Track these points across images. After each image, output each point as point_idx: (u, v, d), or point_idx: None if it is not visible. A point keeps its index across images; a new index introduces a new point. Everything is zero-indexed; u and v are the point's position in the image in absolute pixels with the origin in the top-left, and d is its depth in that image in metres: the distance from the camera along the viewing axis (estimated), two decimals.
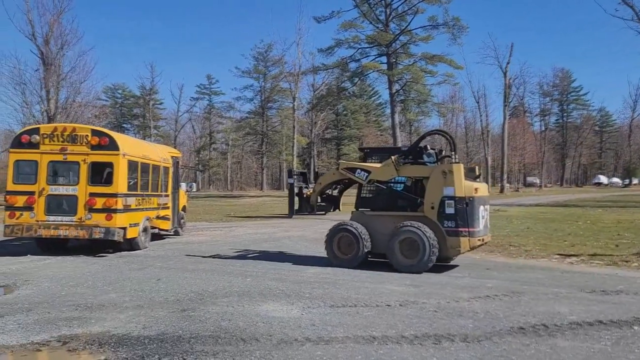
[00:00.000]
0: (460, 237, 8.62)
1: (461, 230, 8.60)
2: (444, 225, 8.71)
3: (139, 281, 8.04)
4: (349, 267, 9.21)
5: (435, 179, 8.85)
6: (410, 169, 9.35)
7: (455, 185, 8.64)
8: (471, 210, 8.63)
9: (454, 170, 8.71)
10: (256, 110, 79.07)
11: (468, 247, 8.76)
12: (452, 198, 8.63)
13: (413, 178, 9.41)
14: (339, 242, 9.52)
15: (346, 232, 9.41)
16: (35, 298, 6.87)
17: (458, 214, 8.61)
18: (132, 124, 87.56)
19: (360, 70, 55.76)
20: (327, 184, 10.55)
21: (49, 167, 11.01)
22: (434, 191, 8.83)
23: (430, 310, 6.30)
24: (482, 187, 9.19)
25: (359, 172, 9.73)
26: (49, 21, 37.69)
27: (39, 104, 37.76)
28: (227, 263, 9.96)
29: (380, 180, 9.55)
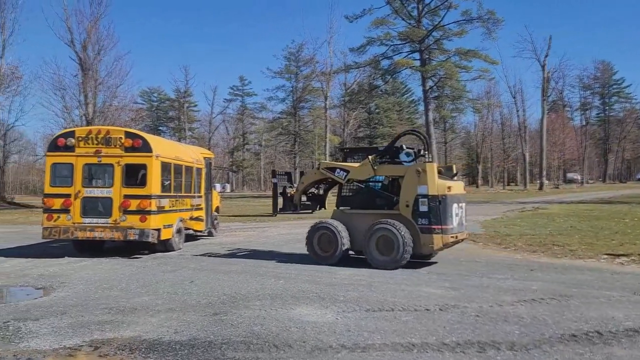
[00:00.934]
0: (433, 235, 8.87)
1: (434, 228, 8.84)
2: (418, 222, 8.96)
3: (172, 283, 7.98)
4: (328, 264, 9.46)
5: (409, 178, 9.11)
6: (387, 169, 9.63)
7: (429, 183, 8.88)
8: (444, 208, 8.86)
9: (427, 169, 8.96)
10: (288, 110, 79.22)
11: (441, 244, 8.98)
12: (426, 196, 8.88)
13: (390, 177, 9.69)
14: (319, 240, 9.77)
15: (325, 230, 9.67)
16: (69, 301, 6.87)
17: (431, 211, 8.85)
18: (168, 127, 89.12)
19: (393, 68, 55.16)
20: (310, 183, 10.81)
21: (84, 169, 11.11)
22: (409, 190, 9.10)
23: (472, 315, 5.97)
24: (456, 186, 9.41)
25: (338, 171, 10.03)
26: (87, 27, 38.70)
27: (77, 109, 38.80)
28: (260, 264, 9.82)
29: (358, 179, 9.86)
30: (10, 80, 41.57)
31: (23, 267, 9.80)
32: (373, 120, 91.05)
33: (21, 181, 77.06)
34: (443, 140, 78.67)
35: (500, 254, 11.17)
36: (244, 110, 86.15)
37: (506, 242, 12.76)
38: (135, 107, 57.02)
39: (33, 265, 10.00)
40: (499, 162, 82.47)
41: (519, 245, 12.18)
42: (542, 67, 56.92)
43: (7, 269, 9.76)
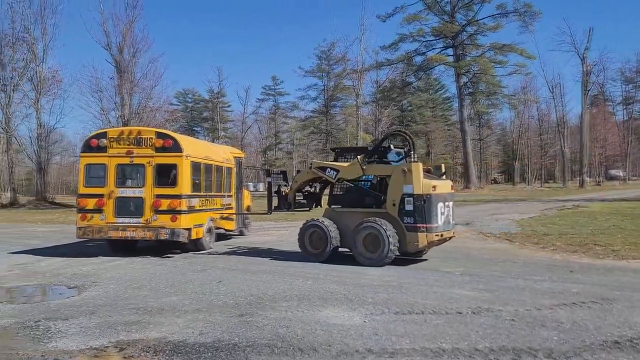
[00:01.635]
0: (418, 233, 9.03)
1: (419, 226, 9.00)
2: (404, 221, 9.14)
3: (200, 283, 7.96)
4: (318, 260, 9.75)
5: (396, 177, 9.30)
6: (375, 168, 9.82)
7: (414, 183, 9.03)
8: (429, 207, 9.00)
9: (412, 169, 9.10)
10: (320, 109, 79.22)
11: (426, 242, 9.12)
12: (411, 195, 9.05)
13: (378, 176, 9.87)
14: (310, 237, 10.03)
15: (316, 228, 9.93)
16: (99, 300, 6.93)
17: (416, 210, 9.01)
18: (202, 127, 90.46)
19: (426, 64, 54.44)
20: (303, 182, 11.06)
21: (117, 169, 11.20)
22: (395, 189, 9.27)
23: (508, 319, 5.70)
24: (441, 185, 9.53)
25: (329, 170, 10.30)
26: (122, 31, 39.58)
27: (114, 110, 39.74)
28: (289, 264, 9.73)
29: (347, 178, 10.07)
30: (51, 83, 42.92)
31: (58, 266, 10.00)
32: (406, 117, 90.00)
33: (63, 181, 79.61)
34: (478, 137, 77.05)
35: (538, 255, 10.76)
36: (277, 110, 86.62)
37: (544, 242, 12.29)
38: (170, 109, 58.10)
39: (68, 265, 10.19)
40: (536, 159, 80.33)
41: (558, 245, 11.71)
42: (582, 60, 55.09)
43: (43, 268, 9.97)
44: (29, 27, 41.34)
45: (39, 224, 22.88)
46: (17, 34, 41.81)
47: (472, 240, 13.13)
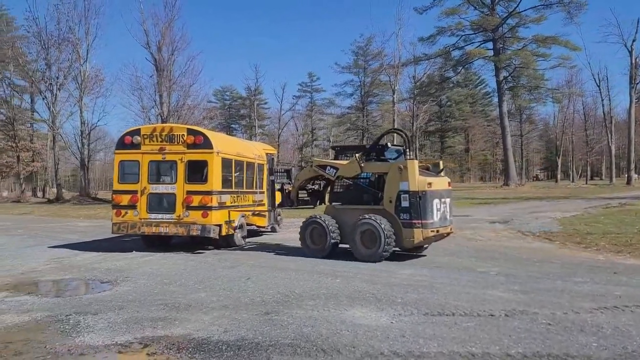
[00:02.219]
0: (414, 229, 9.17)
1: (415, 222, 9.15)
2: (400, 217, 9.30)
3: (229, 280, 7.95)
4: (318, 256, 9.94)
5: (392, 174, 9.45)
6: (373, 166, 10.02)
7: (410, 180, 9.19)
8: (424, 203, 9.13)
9: (408, 166, 9.26)
10: (356, 105, 78.85)
11: (421, 238, 9.24)
12: (407, 192, 9.21)
13: (376, 174, 10.00)
14: (311, 234, 10.28)
15: (316, 225, 10.16)
16: (129, 295, 7.00)
17: (412, 207, 9.17)
18: (240, 124, 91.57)
19: (465, 58, 53.29)
20: (305, 180, 11.29)
21: (150, 166, 11.33)
22: (392, 186, 9.43)
23: (543, 323, 5.41)
24: (438, 182, 9.68)
25: (329, 169, 10.57)
26: (161, 29, 40.32)
27: (153, 108, 40.59)
28: (319, 262, 9.61)
29: (346, 176, 10.28)
30: (94, 82, 44.22)
31: (93, 261, 10.22)
32: (444, 113, 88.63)
33: (106, 178, 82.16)
34: (519, 132, 74.96)
35: (580, 255, 10.29)
36: (313, 107, 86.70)
37: (587, 242, 11.75)
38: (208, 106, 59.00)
39: (103, 259, 10.40)
40: (581, 155, 77.56)
41: (602, 245, 11.17)
42: (630, 52, 52.58)
43: (79, 262, 10.21)
44: (74, 28, 42.71)
45: (80, 219, 23.62)
46: (62, 35, 43.28)
47: (510, 239, 12.69)
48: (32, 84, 47.40)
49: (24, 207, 37.40)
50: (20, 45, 47.46)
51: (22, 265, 9.95)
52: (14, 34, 51.83)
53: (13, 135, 54.97)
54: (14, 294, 7.34)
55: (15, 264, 10.05)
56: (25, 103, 59.90)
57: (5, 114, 55.80)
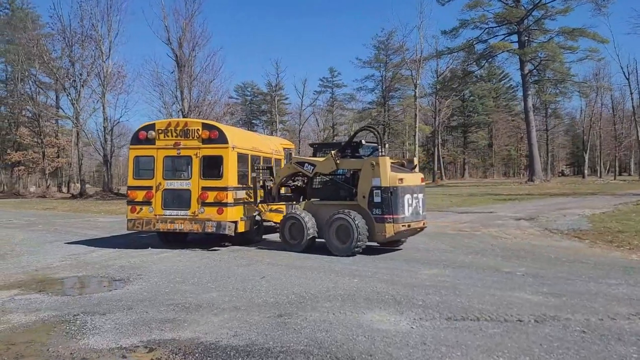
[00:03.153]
0: (385, 224, 9.39)
1: (386, 217, 9.38)
2: (373, 212, 9.52)
3: (243, 279, 7.69)
4: (296, 251, 10.23)
5: (365, 171, 9.69)
6: (348, 162, 10.23)
7: (381, 176, 9.42)
8: (395, 198, 9.36)
9: (380, 162, 9.47)
10: (378, 100, 78.18)
11: (392, 233, 9.43)
12: (379, 188, 9.44)
13: (351, 170, 10.23)
14: (290, 229, 10.55)
15: (295, 220, 10.44)
16: (140, 295, 6.79)
17: (384, 202, 9.40)
18: (260, 120, 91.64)
19: (488, 52, 52.20)
20: (286, 177, 11.39)
21: (165, 162, 11.15)
22: (365, 182, 9.67)
23: (577, 330, 5.00)
24: (409, 177, 9.83)
25: (306, 165, 10.79)
26: (182, 25, 40.40)
27: (175, 104, 40.75)
28: (337, 260, 9.30)
29: (323, 172, 10.56)
30: (116, 79, 44.61)
31: (108, 258, 10.09)
32: (467, 108, 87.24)
33: None
34: (544, 127, 73.28)
35: (612, 254, 9.75)
36: (334, 102, 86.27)
37: (619, 240, 11.18)
38: (230, 102, 59.15)
39: (118, 256, 10.27)
40: (609, 150, 75.51)
41: (635, 244, 10.60)
42: None
43: (94, 258, 10.09)
44: (96, 25, 43.11)
45: (102, 214, 23.75)
46: (85, 32, 43.78)
47: (537, 237, 12.17)
48: (56, 81, 48.10)
49: (49, 203, 37.96)
50: (45, 43, 48.19)
51: (37, 261, 9.88)
52: (39, 32, 52.57)
53: (38, 131, 55.98)
54: (25, 291, 7.20)
55: (31, 261, 9.98)
56: (50, 100, 60.90)
57: (31, 111, 56.86)
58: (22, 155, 57.54)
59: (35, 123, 56.53)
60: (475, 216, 17.75)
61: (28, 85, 59.56)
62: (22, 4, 67.26)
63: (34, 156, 57.61)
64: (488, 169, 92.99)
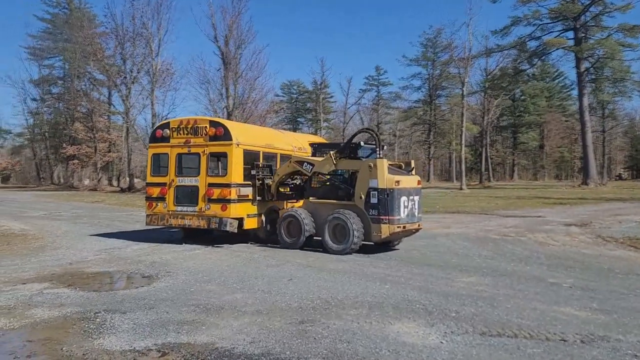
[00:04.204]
0: (381, 224, 9.53)
1: (382, 218, 9.51)
2: (369, 213, 9.65)
3: (270, 280, 7.45)
4: (293, 248, 10.39)
5: (363, 172, 9.83)
6: (346, 163, 10.33)
7: (379, 177, 9.55)
8: (391, 200, 9.47)
9: (377, 164, 9.61)
10: (424, 99, 76.79)
11: (388, 233, 9.57)
12: (376, 189, 9.57)
13: (349, 171, 10.34)
14: (287, 226, 10.69)
15: (292, 218, 10.56)
16: (164, 293, 6.67)
17: (380, 203, 9.52)
18: (306, 118, 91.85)
19: (542, 49, 50.14)
20: (285, 175, 11.43)
21: (177, 159, 11.39)
22: (362, 183, 9.81)
23: (629, 354, 4.47)
24: (406, 180, 9.96)
25: (305, 165, 10.90)
26: (229, 23, 40.83)
27: (220, 101, 41.26)
28: (369, 263, 8.94)
29: (321, 172, 10.66)
30: (165, 76, 45.64)
31: (141, 253, 10.11)
32: (518, 107, 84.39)
33: None
34: (601, 128, 69.91)
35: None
36: (379, 100, 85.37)
37: None
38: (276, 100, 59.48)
39: (151, 251, 10.28)
40: None
41: None
42: None
43: (128, 253, 10.14)
44: (147, 23, 44.18)
45: None
46: (136, 30, 44.99)
47: (588, 245, 11.37)
48: (109, 77, 49.75)
49: (98, 196, 39.28)
50: (100, 41, 49.86)
51: (74, 255, 10.01)
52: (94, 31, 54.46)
53: (91, 126, 58.11)
54: (54, 285, 7.23)
55: (68, 254, 10.13)
56: (103, 96, 63.10)
57: (85, 106, 59.11)
58: (77, 149, 59.95)
59: (88, 118, 58.71)
60: (521, 220, 16.92)
61: (83, 82, 62.05)
62: (80, 4, 70.16)
63: (87, 150, 59.90)
64: (538, 171, 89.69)
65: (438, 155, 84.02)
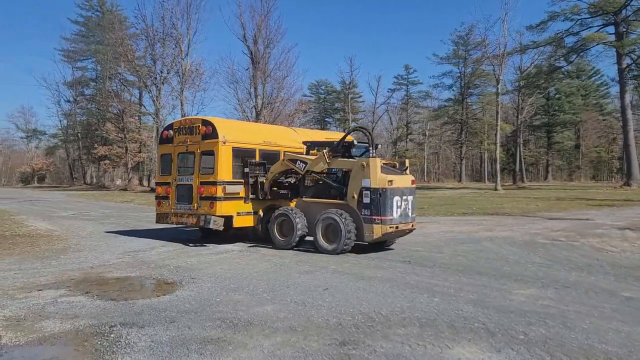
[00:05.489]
0: (373, 225, 9.32)
1: (374, 218, 9.32)
2: (362, 213, 9.46)
3: (304, 290, 6.72)
4: (286, 248, 10.26)
5: (356, 171, 9.64)
6: (339, 162, 10.12)
7: (371, 177, 9.35)
8: (384, 200, 9.27)
9: (370, 163, 9.40)
10: (455, 98, 75.09)
11: (380, 234, 9.36)
12: (369, 189, 9.37)
13: (342, 170, 10.13)
14: (280, 226, 10.51)
15: (285, 217, 10.39)
16: (187, 304, 6.02)
17: (372, 203, 9.32)
18: (334, 118, 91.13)
19: (580, 45, 48.16)
20: (278, 173, 11.18)
21: (179, 158, 11.68)
22: (355, 182, 9.62)
23: None
24: (399, 179, 9.69)
25: (299, 163, 10.68)
26: (257, 22, 40.46)
27: (248, 101, 40.89)
28: (413, 270, 8.11)
29: (314, 171, 10.44)
30: (195, 77, 45.57)
31: (166, 256, 9.55)
32: (552, 106, 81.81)
33: None
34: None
35: None
36: (408, 99, 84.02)
37: None
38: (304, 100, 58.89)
39: (176, 254, 9.72)
40: None
41: None
42: None
43: (152, 256, 9.59)
44: (176, 24, 44.20)
45: None
46: (166, 31, 45.02)
47: None
48: (139, 78, 50.00)
49: (128, 196, 39.40)
50: (130, 42, 50.17)
51: (96, 257, 9.51)
52: (125, 33, 54.93)
53: (122, 127, 58.63)
54: (71, 292, 6.67)
55: (90, 257, 9.64)
56: (134, 97, 63.71)
57: (116, 107, 59.69)
58: (108, 149, 60.67)
59: (119, 119, 59.25)
60: (568, 223, 15.78)
61: (114, 84, 62.70)
62: (112, 7, 71.12)
63: (118, 151, 60.55)
64: (574, 172, 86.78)
65: (468, 155, 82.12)
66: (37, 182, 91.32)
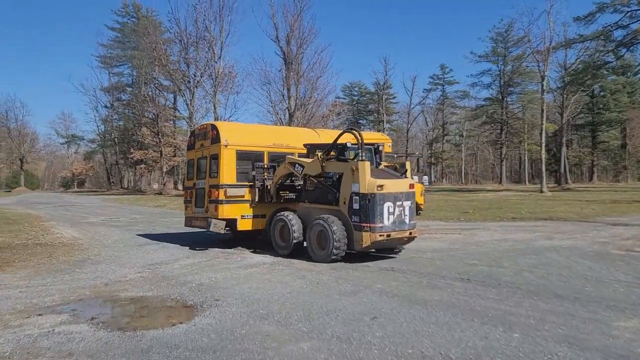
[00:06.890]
0: (362, 232, 8.77)
1: (364, 225, 8.78)
2: (352, 219, 8.95)
3: (347, 318, 5.53)
4: (283, 254, 9.99)
5: (347, 175, 9.14)
6: (332, 165, 9.66)
7: (360, 182, 8.84)
8: (373, 206, 8.70)
9: (359, 167, 8.86)
10: (494, 97, 72.54)
11: (369, 242, 8.76)
12: (358, 194, 8.86)
13: (337, 174, 9.57)
14: (281, 231, 10.28)
15: (282, 222, 10.18)
16: (205, 338, 4.92)
17: (361, 209, 8.80)
18: (367, 120, 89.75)
19: (631, 38, 45.35)
20: (282, 176, 10.84)
21: (198, 163, 11.91)
22: (346, 187, 9.15)
23: None
24: (393, 184, 9.04)
25: (297, 166, 10.31)
26: (290, 22, 39.57)
27: (281, 102, 40.02)
28: (475, 291, 6.81)
29: (310, 174, 10.02)
30: (227, 79, 45.05)
31: (189, 271, 8.54)
32: (597, 104, 78.15)
33: None
34: None
35: None
36: (445, 100, 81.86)
37: None
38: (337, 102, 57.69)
39: (200, 269, 8.71)
40: None
41: None
42: None
43: (174, 270, 8.61)
44: (209, 26, 43.75)
45: None
46: (199, 34, 44.61)
47: None
48: (173, 82, 49.91)
49: (162, 200, 39.12)
50: (164, 47, 50.16)
51: (113, 272, 8.59)
52: (159, 37, 55.10)
53: (157, 131, 58.87)
54: (74, 318, 5.70)
55: (107, 270, 8.73)
56: (169, 102, 64.00)
57: (151, 112, 60.00)
58: (143, 154, 61.04)
59: (154, 124, 59.52)
60: (638, 230, 14.10)
61: (150, 88, 63.10)
62: (147, 12, 71.89)
63: (153, 155, 60.84)
64: (620, 172, 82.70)
65: (508, 156, 79.25)
66: (77, 187, 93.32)
